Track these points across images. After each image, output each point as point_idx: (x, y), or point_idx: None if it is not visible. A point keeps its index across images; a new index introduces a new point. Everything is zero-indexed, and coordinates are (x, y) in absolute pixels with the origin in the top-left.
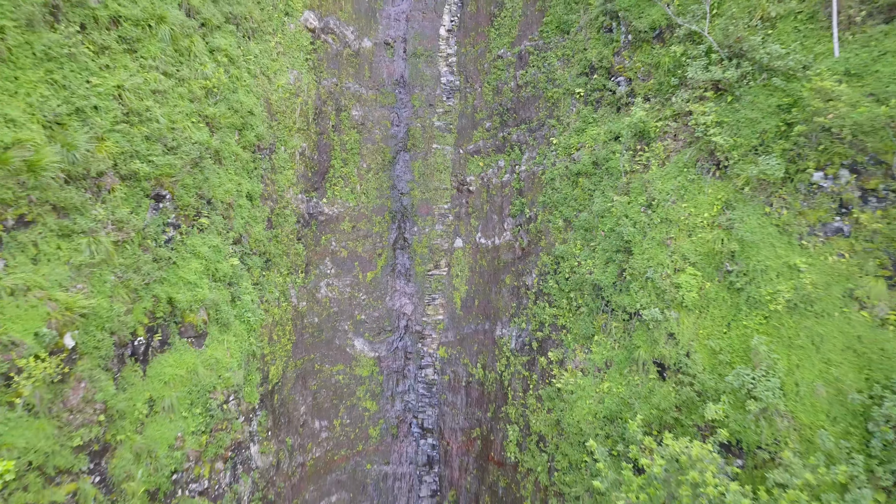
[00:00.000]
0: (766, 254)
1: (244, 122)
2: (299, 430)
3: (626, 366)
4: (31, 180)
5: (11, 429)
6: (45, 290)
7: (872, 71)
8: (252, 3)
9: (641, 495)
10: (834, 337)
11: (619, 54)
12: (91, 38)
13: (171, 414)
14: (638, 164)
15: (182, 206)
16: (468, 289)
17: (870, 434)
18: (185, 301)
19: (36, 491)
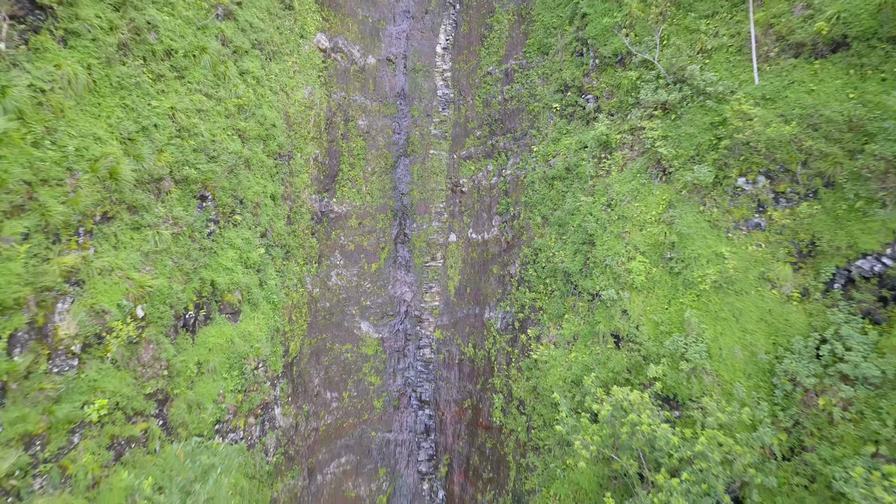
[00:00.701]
0: (699, 244)
1: (268, 133)
2: (314, 399)
3: (590, 338)
4: (113, 185)
5: (103, 376)
6: (123, 271)
7: (783, 96)
8: (273, 29)
9: (595, 437)
10: (750, 311)
11: (589, 75)
12: (150, 68)
13: (215, 375)
14: (601, 169)
15: (221, 205)
16: (461, 278)
17: (774, 386)
18: (223, 283)
19: (119, 425)
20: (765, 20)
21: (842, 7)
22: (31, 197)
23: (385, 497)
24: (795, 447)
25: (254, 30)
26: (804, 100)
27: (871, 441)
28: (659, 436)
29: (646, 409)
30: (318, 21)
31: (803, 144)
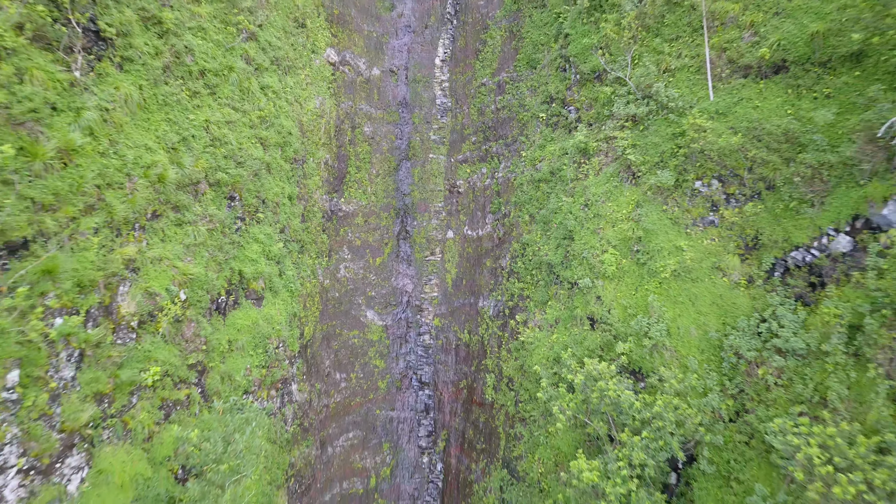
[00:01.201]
0: (662, 239)
1: (285, 140)
2: (325, 378)
3: (569, 321)
4: (161, 188)
5: (155, 348)
6: (170, 261)
7: (733, 111)
8: (288, 46)
9: (571, 404)
10: (704, 295)
11: (571, 89)
12: (188, 86)
13: (242, 352)
14: (580, 173)
15: (246, 205)
16: (457, 271)
17: (722, 359)
18: (249, 273)
19: (168, 389)
20: (719, 45)
21: (782, 36)
22: (100, 198)
23: (388, 469)
24: (739, 410)
25: (272, 48)
26: (750, 114)
27: (798, 402)
28: (623, 399)
29: (612, 377)
30: (328, 37)
31: (749, 153)
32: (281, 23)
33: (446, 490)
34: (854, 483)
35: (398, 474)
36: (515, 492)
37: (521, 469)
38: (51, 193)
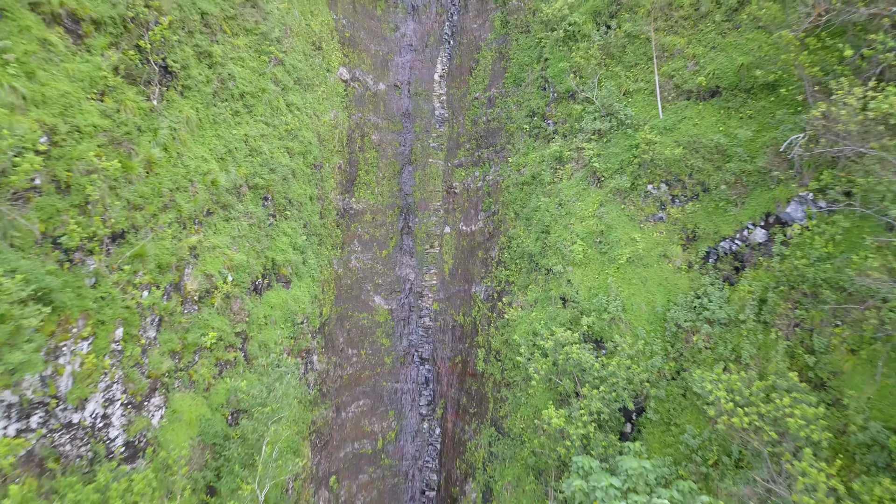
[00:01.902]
0: (620, 232)
1: (306, 149)
2: (339, 353)
3: (546, 301)
4: (213, 190)
5: (211, 318)
6: (221, 249)
7: (678, 128)
8: (307, 67)
9: (543, 366)
10: (652, 278)
11: (549, 105)
12: (230, 106)
13: (275, 325)
14: (556, 178)
15: (277, 204)
16: (453, 262)
17: (665, 329)
18: (280, 260)
19: (221, 351)
20: (668, 72)
21: (716, 66)
22: (172, 199)
23: (393, 433)
24: (678, 370)
25: (295, 70)
26: (691, 131)
27: (720, 360)
28: (584, 360)
29: (575, 343)
30: (341, 57)
31: (689, 162)
32: (301, 47)
33: (444, 451)
34: (749, 415)
35: (402, 438)
36: (501, 445)
37: (506, 426)
38: (139, 196)
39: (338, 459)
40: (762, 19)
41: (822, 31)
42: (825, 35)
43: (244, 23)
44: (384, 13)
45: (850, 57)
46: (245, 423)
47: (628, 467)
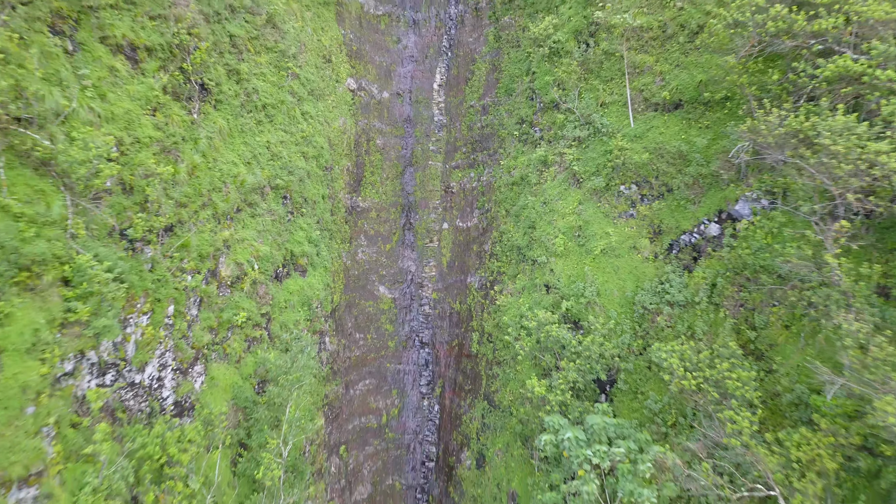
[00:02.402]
0: (596, 227)
1: (319, 153)
2: (348, 336)
3: (532, 289)
4: (242, 190)
5: (241, 300)
6: (249, 241)
7: (646, 136)
8: (319, 79)
9: (528, 343)
10: (623, 267)
11: (536, 114)
12: (255, 117)
13: (294, 309)
14: (541, 179)
15: (295, 202)
16: (451, 255)
17: (634, 311)
18: (297, 252)
19: (248, 328)
20: (638, 87)
21: (679, 82)
22: (209, 198)
23: (396, 409)
24: (645, 346)
25: (309, 82)
26: (657, 138)
27: (678, 336)
28: (562, 337)
29: (554, 322)
30: (348, 68)
31: (655, 166)
32: (313, 61)
33: (442, 425)
34: (696, 378)
35: (404, 414)
36: (493, 417)
37: (497, 399)
38: (184, 196)
39: (347, 431)
40: (712, 45)
41: (758, 58)
42: (761, 61)
43: (265, 42)
44: (387, 27)
45: (779, 80)
46: (271, 389)
47: (593, 423)
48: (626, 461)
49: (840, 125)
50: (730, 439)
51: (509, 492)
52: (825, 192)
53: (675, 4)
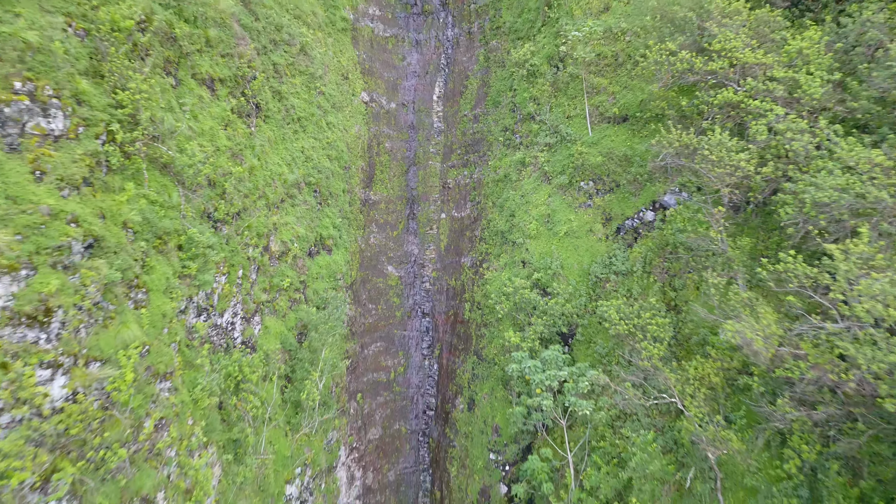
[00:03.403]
0: (561, 215)
1: (340, 155)
2: (363, 306)
3: (512, 265)
4: (285, 185)
5: (286, 270)
6: (290, 225)
7: (600, 142)
8: (338, 94)
9: (506, 305)
10: (582, 246)
11: (517, 123)
12: (292, 128)
13: (322, 279)
14: (520, 177)
15: (323, 195)
16: (447, 240)
17: (589, 280)
18: (325, 235)
19: (291, 292)
20: (595, 104)
21: (626, 101)
22: (263, 192)
23: (402, 368)
24: (596, 306)
25: (331, 97)
26: (609, 145)
27: (620, 298)
28: (532, 298)
29: (527, 288)
30: (362, 83)
31: (607, 166)
32: (334, 79)
33: (440, 381)
34: (628, 324)
35: (409, 372)
36: (480, 368)
37: (484, 354)
38: (247, 189)
39: (362, 383)
40: (643, 76)
41: (673, 87)
42: (676, 89)
43: (299, 66)
44: (394, 47)
45: (687, 104)
46: (312, 335)
47: (546, 355)
48: (569, 381)
49: (716, 141)
50: (644, 362)
51: (493, 425)
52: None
53: (624, 38)
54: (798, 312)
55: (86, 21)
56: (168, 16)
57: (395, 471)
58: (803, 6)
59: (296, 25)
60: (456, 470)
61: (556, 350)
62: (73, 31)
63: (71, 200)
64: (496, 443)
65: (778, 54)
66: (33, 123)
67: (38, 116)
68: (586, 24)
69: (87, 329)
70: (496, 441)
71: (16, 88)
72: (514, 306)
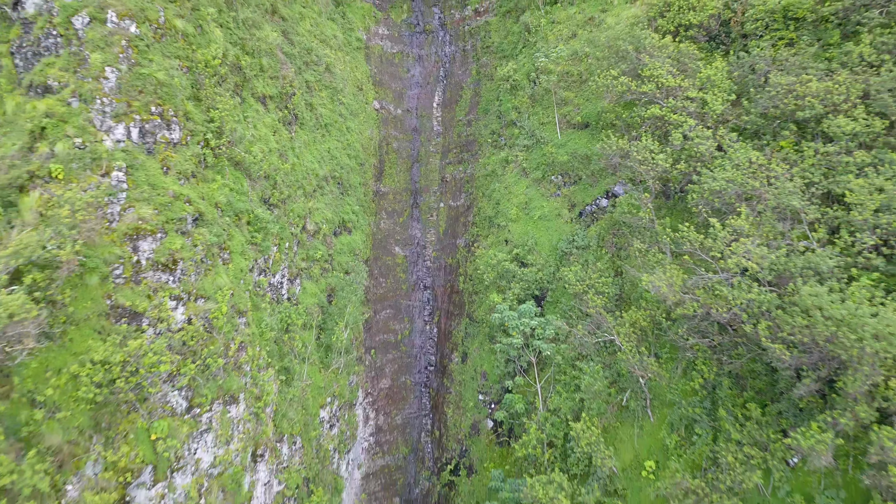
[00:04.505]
0: (536, 203)
1: (357, 154)
2: (375, 279)
3: (497, 243)
4: (317, 178)
5: (319, 245)
6: (321, 210)
7: (567, 145)
8: (355, 102)
9: (492, 274)
10: (552, 227)
11: (502, 128)
12: (321, 132)
13: (345, 254)
14: (504, 172)
15: (344, 186)
16: (445, 225)
17: (557, 253)
18: (346, 219)
19: (322, 262)
20: (563, 113)
21: (587, 111)
22: (301, 183)
23: (408, 331)
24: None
25: (350, 106)
26: (574, 146)
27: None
28: (511, 268)
29: (507, 260)
30: (374, 93)
31: (572, 164)
32: (351, 90)
33: (439, 342)
34: (582, 285)
35: (413, 334)
36: (472, 328)
37: (475, 316)
38: (290, 181)
39: (375, 341)
40: (596, 93)
41: (618, 103)
42: (621, 105)
43: (325, 82)
44: (400, 61)
45: (627, 117)
46: (340, 294)
47: (521, 308)
48: (538, 328)
49: (643, 145)
50: (591, 310)
51: (482, 372)
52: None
53: (587, 59)
54: (693, 267)
55: (189, 61)
56: (236, 51)
57: (401, 415)
58: (718, 40)
59: (321, 48)
60: (451, 411)
61: (529, 305)
62: (181, 69)
63: (185, 187)
64: (484, 386)
65: (693, 79)
66: (161, 134)
67: (164, 130)
68: (556, 48)
69: (196, 276)
70: (484, 384)
71: (152, 111)
72: (498, 275)
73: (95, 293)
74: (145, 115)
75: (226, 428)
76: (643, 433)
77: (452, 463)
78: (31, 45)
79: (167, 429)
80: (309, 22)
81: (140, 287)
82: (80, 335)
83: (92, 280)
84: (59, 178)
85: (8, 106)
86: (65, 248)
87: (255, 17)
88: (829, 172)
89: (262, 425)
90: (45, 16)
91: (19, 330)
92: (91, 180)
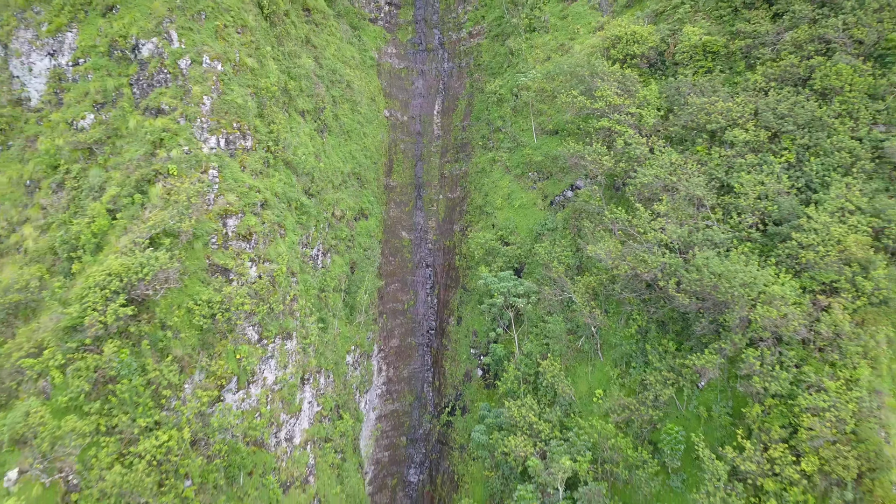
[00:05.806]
0: (517, 195)
1: (371, 154)
2: (386, 258)
3: (487, 227)
4: (343, 175)
5: (344, 227)
6: (345, 200)
7: (542, 147)
8: (369, 111)
9: (480, 251)
10: (531, 214)
11: (491, 133)
12: (343, 137)
13: (363, 235)
14: (492, 170)
15: (363, 181)
16: (444, 213)
17: (534, 235)
18: (364, 207)
19: (346, 242)
20: (539, 122)
21: (558, 120)
22: (331, 178)
23: (413, 302)
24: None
25: (365, 115)
26: (548, 148)
27: (548, 242)
28: (496, 247)
29: (493, 240)
30: (384, 103)
31: (545, 163)
32: (366, 102)
33: (438, 310)
34: (551, 258)
35: (417, 304)
36: (465, 296)
37: (467, 287)
38: (322, 177)
39: (386, 308)
40: (563, 108)
41: (579, 116)
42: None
43: (346, 96)
44: (405, 75)
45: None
46: (360, 266)
47: (501, 274)
48: (513, 287)
49: (593, 149)
50: (554, 274)
51: (473, 331)
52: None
53: (560, 78)
54: (623, 240)
55: (255, 88)
56: (284, 78)
57: (408, 369)
58: (656, 67)
59: (343, 68)
60: (449, 364)
61: (509, 273)
62: (251, 95)
63: (256, 181)
64: (475, 342)
65: (633, 98)
66: (239, 143)
67: (241, 140)
68: (533, 69)
69: (264, 244)
70: (475, 341)
71: (233, 126)
72: (486, 252)
73: (199, 254)
74: (229, 130)
75: (283, 356)
76: (595, 369)
77: (450, 406)
78: (147, 79)
79: (246, 352)
80: (333, 47)
81: (228, 251)
82: (191, 282)
83: (198, 245)
84: (174, 175)
85: (130, 123)
86: (184, 223)
87: (296, 48)
88: (729, 170)
89: (307, 357)
90: (157, 58)
91: (161, 276)
92: (195, 176)
